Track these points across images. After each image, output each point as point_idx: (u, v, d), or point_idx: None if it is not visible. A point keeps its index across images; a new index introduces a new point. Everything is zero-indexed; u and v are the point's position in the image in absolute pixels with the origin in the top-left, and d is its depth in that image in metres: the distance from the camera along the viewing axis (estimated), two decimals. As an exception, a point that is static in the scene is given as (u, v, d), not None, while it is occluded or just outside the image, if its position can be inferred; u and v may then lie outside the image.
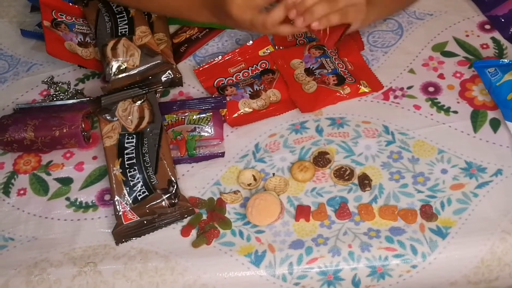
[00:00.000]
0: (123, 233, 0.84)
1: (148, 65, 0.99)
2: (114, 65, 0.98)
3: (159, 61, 0.99)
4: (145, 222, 0.85)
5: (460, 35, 1.05)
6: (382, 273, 0.79)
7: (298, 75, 0.99)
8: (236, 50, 1.04)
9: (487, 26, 1.06)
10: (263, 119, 0.96)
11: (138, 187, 0.86)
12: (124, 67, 0.98)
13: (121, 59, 0.98)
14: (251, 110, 0.97)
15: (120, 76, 0.98)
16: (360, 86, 0.97)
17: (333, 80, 0.98)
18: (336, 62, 1.00)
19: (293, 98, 0.97)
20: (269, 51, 1.03)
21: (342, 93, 0.97)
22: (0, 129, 0.93)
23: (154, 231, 0.84)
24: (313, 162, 0.89)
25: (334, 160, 0.89)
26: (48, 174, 0.93)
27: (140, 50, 0.99)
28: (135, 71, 0.98)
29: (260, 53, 1.03)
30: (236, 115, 0.96)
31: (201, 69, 1.03)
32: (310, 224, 0.83)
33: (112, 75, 0.98)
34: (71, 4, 1.09)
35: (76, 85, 1.05)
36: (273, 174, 0.89)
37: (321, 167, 0.89)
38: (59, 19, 1.06)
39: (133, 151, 0.89)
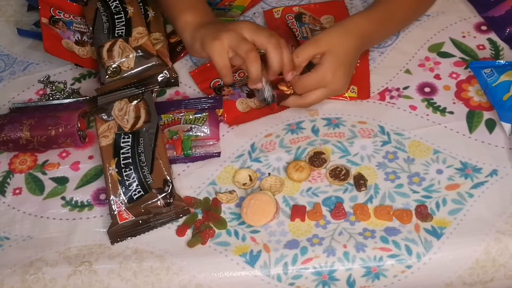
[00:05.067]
0: (118, 232, 0.84)
1: (143, 67, 0.99)
2: (109, 67, 0.98)
3: (154, 63, 0.99)
4: (140, 221, 0.85)
5: (456, 36, 1.05)
6: (377, 274, 0.79)
7: None
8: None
9: (484, 27, 1.06)
10: (260, 117, 0.96)
11: (133, 187, 0.86)
12: (119, 69, 0.98)
13: (116, 61, 0.99)
14: (248, 109, 0.97)
15: (115, 78, 0.98)
16: (347, 90, 0.97)
17: None
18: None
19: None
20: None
21: None
22: (-4, 129, 0.93)
23: (150, 230, 0.84)
24: (309, 162, 0.89)
25: (329, 160, 0.90)
26: (44, 173, 0.93)
27: (135, 52, 0.99)
28: (130, 73, 0.98)
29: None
30: (233, 114, 0.96)
31: (196, 71, 1.03)
32: (306, 224, 0.83)
33: (107, 77, 0.98)
34: (69, 2, 1.09)
35: (72, 84, 1.05)
36: (269, 174, 0.89)
37: (316, 167, 0.89)
38: (57, 17, 1.06)
39: (129, 150, 0.89)
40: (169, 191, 0.86)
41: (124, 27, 1.02)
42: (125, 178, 0.87)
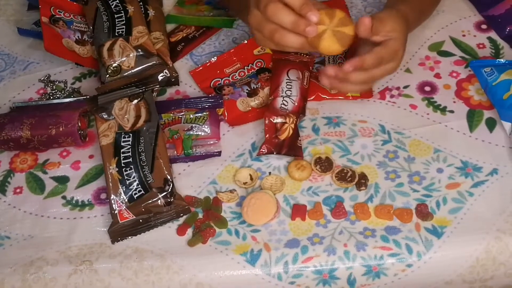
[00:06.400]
0: (119, 231, 0.84)
1: (144, 66, 0.99)
2: (110, 66, 0.98)
3: (154, 62, 0.99)
4: (140, 221, 0.85)
5: (456, 35, 1.05)
6: (378, 272, 0.79)
7: None
8: (231, 50, 1.03)
9: (484, 26, 1.06)
10: (261, 117, 0.96)
11: (134, 186, 0.86)
12: (119, 68, 0.98)
13: (117, 60, 0.99)
14: (249, 108, 0.97)
15: (115, 77, 0.98)
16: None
17: None
18: (339, 62, 1.00)
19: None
20: (264, 50, 1.02)
21: (329, 91, 0.96)
22: (-4, 128, 0.93)
23: (150, 230, 0.84)
24: (315, 164, 0.88)
25: (335, 165, 0.89)
26: (45, 172, 0.93)
27: (135, 51, 0.99)
28: (130, 72, 0.98)
29: (255, 52, 1.02)
30: (234, 113, 0.96)
31: (197, 70, 1.03)
32: (306, 223, 0.84)
33: (107, 76, 0.98)
34: (69, 1, 1.09)
35: (72, 83, 1.05)
36: (270, 173, 0.89)
37: (320, 170, 0.88)
38: (57, 16, 1.06)
39: (129, 150, 0.89)
40: (169, 190, 0.86)
41: (124, 26, 1.02)
42: (126, 177, 0.87)
